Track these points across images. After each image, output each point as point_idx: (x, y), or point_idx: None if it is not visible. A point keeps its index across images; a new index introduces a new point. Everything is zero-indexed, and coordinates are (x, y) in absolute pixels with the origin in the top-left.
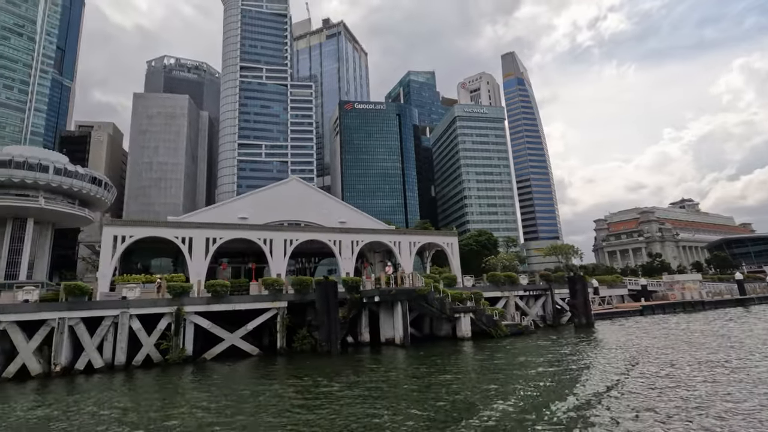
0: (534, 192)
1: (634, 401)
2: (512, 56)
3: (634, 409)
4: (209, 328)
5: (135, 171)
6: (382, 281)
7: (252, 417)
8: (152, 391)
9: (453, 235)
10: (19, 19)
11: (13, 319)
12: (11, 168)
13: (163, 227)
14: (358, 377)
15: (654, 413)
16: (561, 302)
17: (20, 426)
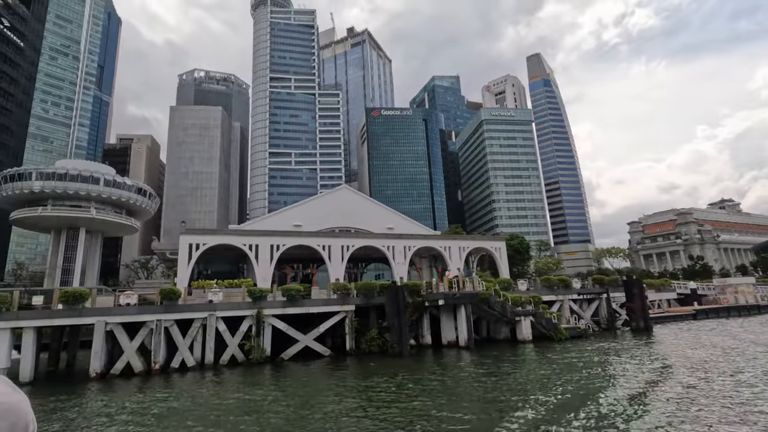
0: (563, 194)
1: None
2: (538, 57)
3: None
4: (285, 330)
5: (172, 180)
6: (445, 285)
7: (357, 410)
8: (257, 386)
9: (501, 240)
10: (65, 40)
11: (118, 321)
12: (67, 181)
13: (233, 235)
14: (442, 377)
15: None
16: (614, 306)
17: (172, 414)
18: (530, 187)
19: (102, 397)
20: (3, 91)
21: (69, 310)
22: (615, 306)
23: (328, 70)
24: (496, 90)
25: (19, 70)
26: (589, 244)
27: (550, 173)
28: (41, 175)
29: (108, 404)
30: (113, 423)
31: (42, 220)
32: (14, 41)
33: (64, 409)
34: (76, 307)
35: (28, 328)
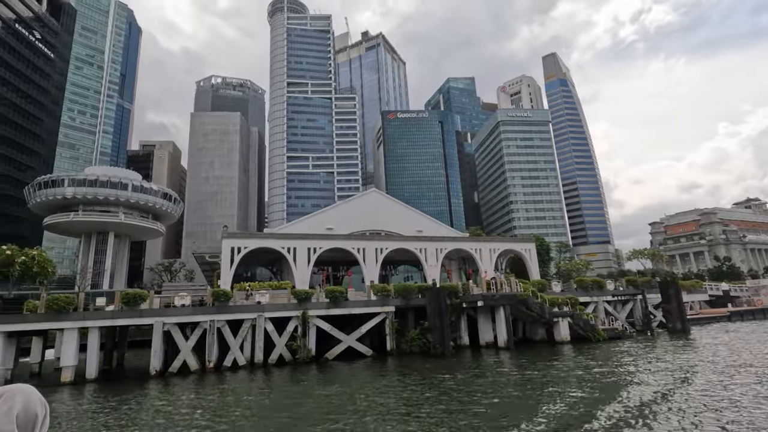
0: (581, 195)
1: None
2: (554, 57)
3: None
4: (329, 330)
5: (193, 185)
6: (483, 287)
7: (422, 406)
8: (316, 383)
9: (531, 242)
10: (90, 50)
11: (174, 321)
12: (97, 187)
13: (272, 239)
14: (496, 377)
15: None
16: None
17: (281, 407)
18: (548, 188)
19: (188, 393)
20: (35, 101)
21: (130, 311)
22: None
23: (343, 74)
24: (512, 90)
25: (50, 81)
26: (609, 245)
27: (567, 173)
28: (73, 182)
29: (195, 399)
30: (208, 417)
31: (73, 225)
32: (45, 53)
33: (143, 403)
34: (136, 308)
35: (93, 327)
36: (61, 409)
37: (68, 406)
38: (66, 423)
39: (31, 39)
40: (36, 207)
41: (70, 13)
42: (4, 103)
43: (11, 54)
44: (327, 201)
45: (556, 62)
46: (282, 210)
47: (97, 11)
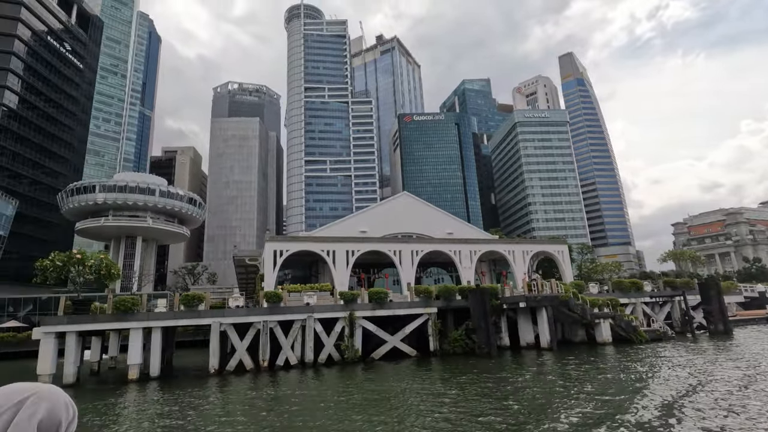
0: (600, 196)
1: None
2: (570, 57)
3: None
4: (374, 331)
5: (214, 190)
6: (524, 288)
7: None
8: (376, 381)
9: (563, 244)
10: (114, 60)
11: (230, 322)
12: (126, 192)
13: (313, 242)
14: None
15: None
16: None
17: (357, 403)
18: (567, 189)
19: (256, 390)
20: (66, 110)
21: (189, 312)
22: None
23: (358, 78)
24: (527, 91)
25: (79, 90)
26: (630, 247)
27: (585, 174)
28: (104, 188)
29: (278, 394)
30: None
31: (103, 230)
32: (75, 63)
33: (222, 398)
34: (194, 309)
35: (156, 327)
36: (144, 404)
37: (152, 401)
38: (159, 418)
39: (61, 50)
40: (68, 212)
41: (98, 24)
42: (38, 113)
43: (43, 65)
44: (345, 204)
45: (572, 62)
46: (300, 213)
47: (120, 22)
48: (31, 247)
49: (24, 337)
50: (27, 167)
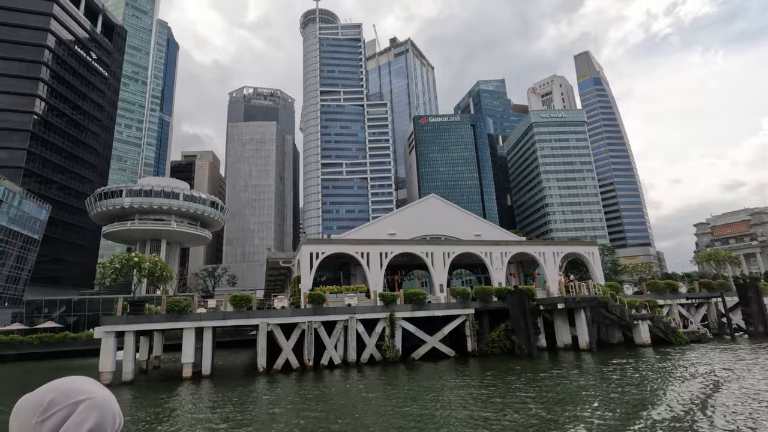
0: (619, 196)
1: None
2: (586, 56)
3: None
4: (414, 331)
5: (232, 193)
6: (562, 290)
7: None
8: (423, 379)
9: (594, 245)
10: (135, 68)
11: (276, 322)
12: (152, 197)
13: (347, 244)
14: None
15: None
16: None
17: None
18: (585, 190)
19: (310, 387)
20: (93, 117)
21: (238, 312)
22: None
23: (372, 81)
24: (543, 91)
25: (104, 98)
26: (650, 248)
27: (603, 174)
28: (130, 192)
29: (328, 390)
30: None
31: (130, 233)
32: (100, 72)
33: (278, 393)
34: (242, 309)
35: (208, 327)
36: (207, 398)
37: (213, 396)
38: (224, 410)
39: (88, 59)
40: (96, 216)
41: (121, 34)
42: (66, 120)
43: (71, 74)
44: (361, 207)
45: (588, 61)
46: (317, 216)
47: (141, 30)
48: (60, 251)
49: (61, 338)
50: (56, 172)
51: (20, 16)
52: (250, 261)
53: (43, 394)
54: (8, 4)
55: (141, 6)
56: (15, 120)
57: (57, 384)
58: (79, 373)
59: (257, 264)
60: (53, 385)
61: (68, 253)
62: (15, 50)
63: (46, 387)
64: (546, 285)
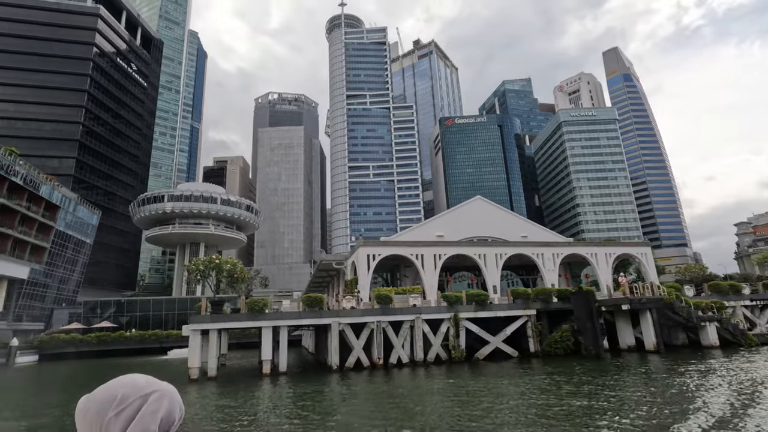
0: (652, 196)
1: None
2: (615, 52)
3: None
4: (477, 332)
5: (263, 197)
6: (625, 290)
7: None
8: (492, 378)
9: (646, 246)
10: (169, 77)
11: (347, 322)
12: (192, 201)
13: (402, 246)
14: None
15: None
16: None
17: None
18: (618, 189)
19: (391, 384)
20: (133, 126)
21: (311, 312)
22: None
23: (396, 83)
24: (570, 89)
25: (144, 107)
26: (687, 248)
27: (636, 173)
28: (171, 197)
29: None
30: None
31: (171, 237)
32: (140, 82)
33: (361, 388)
34: (314, 309)
35: (284, 327)
36: (296, 393)
37: (299, 391)
38: (320, 403)
39: (128, 70)
40: (139, 221)
41: (158, 45)
42: (108, 129)
43: (114, 85)
44: (388, 209)
45: (618, 57)
46: (345, 219)
47: (174, 40)
48: (103, 254)
49: (117, 336)
50: (100, 179)
51: (67, 31)
52: (280, 263)
53: (113, 390)
54: (57, 21)
55: (173, 17)
56: (64, 130)
57: (122, 380)
58: (167, 370)
59: (286, 266)
60: (119, 382)
61: (111, 256)
62: (64, 64)
63: (112, 384)
64: (600, 287)
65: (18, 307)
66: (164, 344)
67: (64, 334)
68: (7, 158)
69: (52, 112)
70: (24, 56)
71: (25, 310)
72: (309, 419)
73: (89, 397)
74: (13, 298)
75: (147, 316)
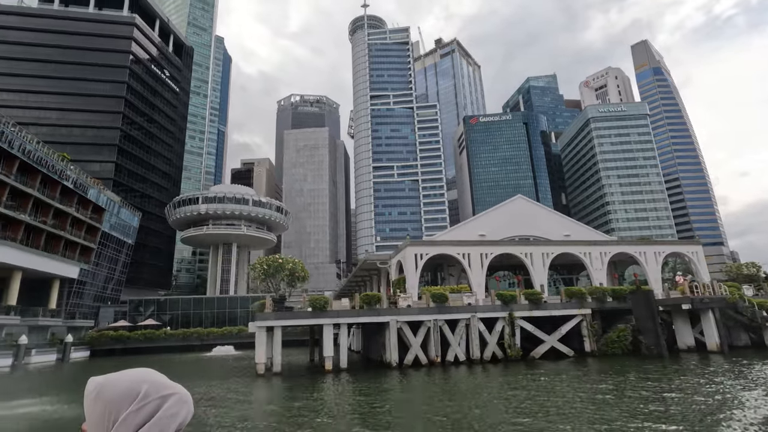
0: (685, 192)
1: None
2: (645, 45)
3: None
4: (532, 330)
5: (289, 198)
6: (685, 290)
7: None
8: (546, 377)
9: (698, 244)
10: (198, 81)
11: (405, 320)
12: (225, 203)
13: (449, 245)
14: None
15: None
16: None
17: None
18: (650, 187)
19: (454, 381)
20: (167, 130)
21: (369, 310)
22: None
23: (419, 82)
24: (596, 84)
25: (176, 111)
26: (723, 247)
27: (667, 169)
28: (205, 199)
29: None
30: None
31: (205, 238)
32: (173, 88)
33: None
34: (373, 307)
35: (343, 324)
36: (366, 388)
37: (368, 385)
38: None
39: (162, 76)
40: (174, 222)
41: (189, 51)
42: (144, 133)
43: (148, 91)
44: (413, 209)
45: (647, 50)
46: (370, 219)
47: (201, 46)
48: (141, 254)
49: (161, 334)
50: (137, 182)
51: (105, 40)
52: (306, 263)
53: (136, 384)
54: (96, 31)
55: (201, 24)
56: (105, 136)
57: (143, 375)
58: (238, 366)
59: (313, 266)
60: (140, 376)
61: (147, 257)
62: (102, 72)
63: (134, 377)
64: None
65: (69, 305)
66: (205, 342)
67: (113, 331)
68: (60, 163)
69: (93, 118)
70: (66, 65)
71: (75, 308)
72: (405, 413)
73: (104, 381)
74: (64, 297)
75: (187, 314)
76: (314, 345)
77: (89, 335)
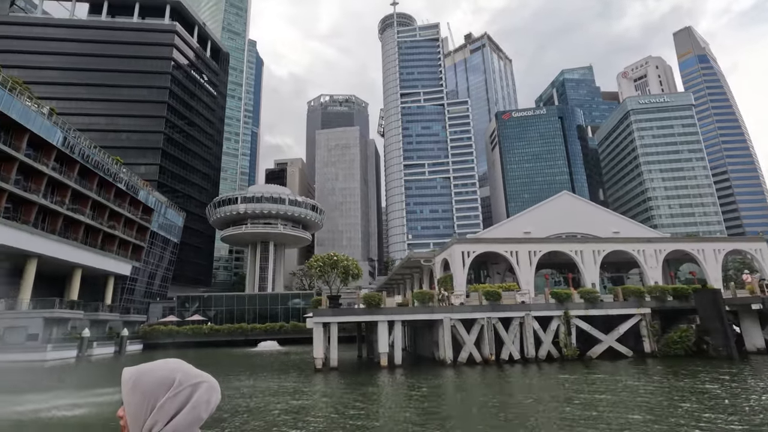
0: (734, 186)
1: None
2: (688, 31)
3: None
4: (588, 330)
5: (321, 197)
6: (755, 289)
7: None
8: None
9: (762, 241)
10: (233, 85)
11: (458, 318)
12: (262, 202)
13: (496, 243)
14: None
15: None
16: None
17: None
18: (695, 180)
19: (515, 380)
20: (206, 133)
21: (423, 308)
22: None
23: (448, 79)
24: (635, 75)
25: (214, 114)
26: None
27: (715, 162)
28: (244, 199)
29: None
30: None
31: (244, 237)
32: (210, 91)
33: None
34: (425, 305)
35: (398, 321)
36: (419, 385)
37: (433, 383)
38: (458, 397)
39: (201, 81)
40: (215, 222)
41: (225, 56)
42: (185, 136)
43: (188, 95)
44: (444, 206)
45: (691, 37)
46: (401, 217)
47: (236, 50)
48: (184, 253)
49: (208, 329)
50: (179, 183)
51: (148, 48)
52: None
53: (171, 373)
54: (139, 39)
55: (235, 29)
56: (149, 139)
57: (175, 365)
58: (288, 360)
59: None
60: (172, 365)
61: (189, 255)
62: (146, 78)
63: (167, 366)
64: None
65: (122, 301)
66: (249, 337)
67: (163, 326)
68: (114, 167)
69: (138, 123)
70: (113, 74)
71: (128, 303)
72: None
73: (139, 372)
74: (118, 293)
75: (231, 310)
76: (361, 341)
77: (142, 329)
